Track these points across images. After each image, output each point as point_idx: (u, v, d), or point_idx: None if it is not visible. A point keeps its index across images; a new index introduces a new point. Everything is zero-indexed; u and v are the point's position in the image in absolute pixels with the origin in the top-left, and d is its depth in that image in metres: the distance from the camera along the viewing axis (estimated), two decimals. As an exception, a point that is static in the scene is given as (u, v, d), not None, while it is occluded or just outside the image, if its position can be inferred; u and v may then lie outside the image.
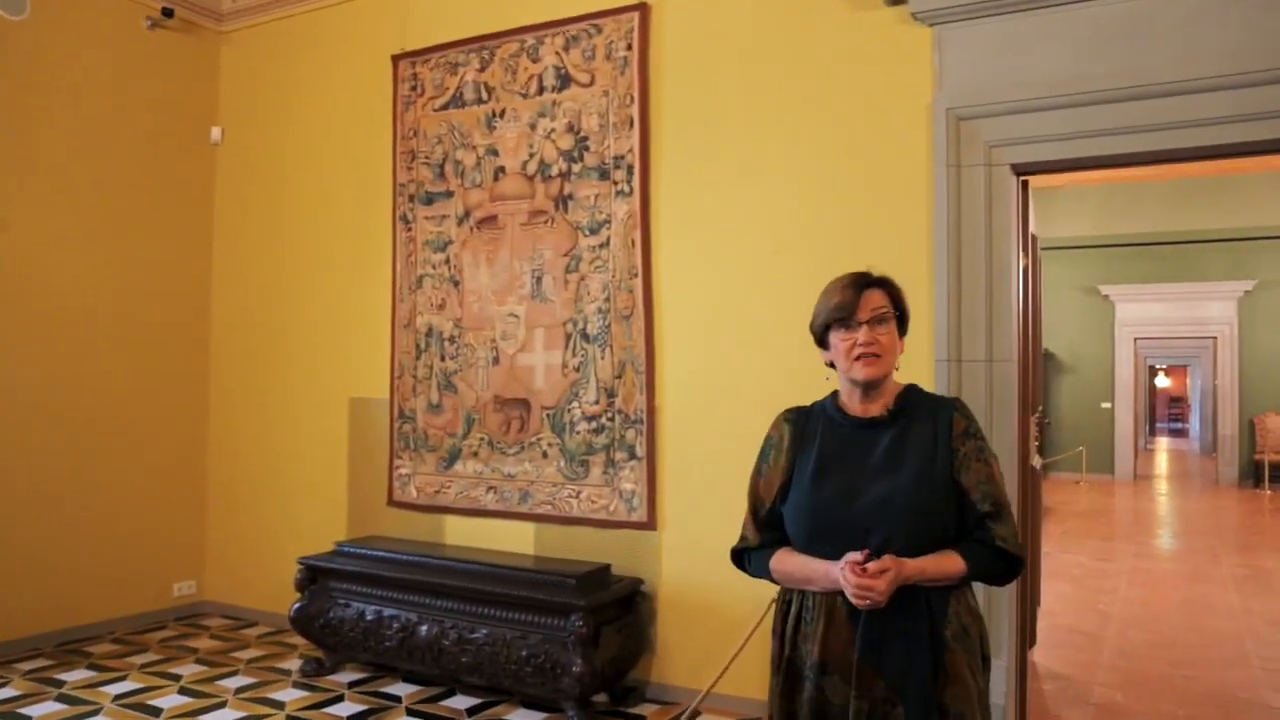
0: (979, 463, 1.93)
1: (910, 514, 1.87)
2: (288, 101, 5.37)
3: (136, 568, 5.18)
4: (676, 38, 4.12)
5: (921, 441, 1.94)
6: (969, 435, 1.95)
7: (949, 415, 1.97)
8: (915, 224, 3.58)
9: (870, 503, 1.90)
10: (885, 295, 2.01)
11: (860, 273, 2.04)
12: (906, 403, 1.99)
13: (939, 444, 1.93)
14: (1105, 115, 3.26)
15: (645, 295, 4.09)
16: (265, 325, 5.39)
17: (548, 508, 4.30)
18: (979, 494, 1.90)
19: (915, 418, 1.98)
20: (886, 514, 1.88)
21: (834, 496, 1.95)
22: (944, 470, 1.90)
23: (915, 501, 1.87)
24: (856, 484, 1.94)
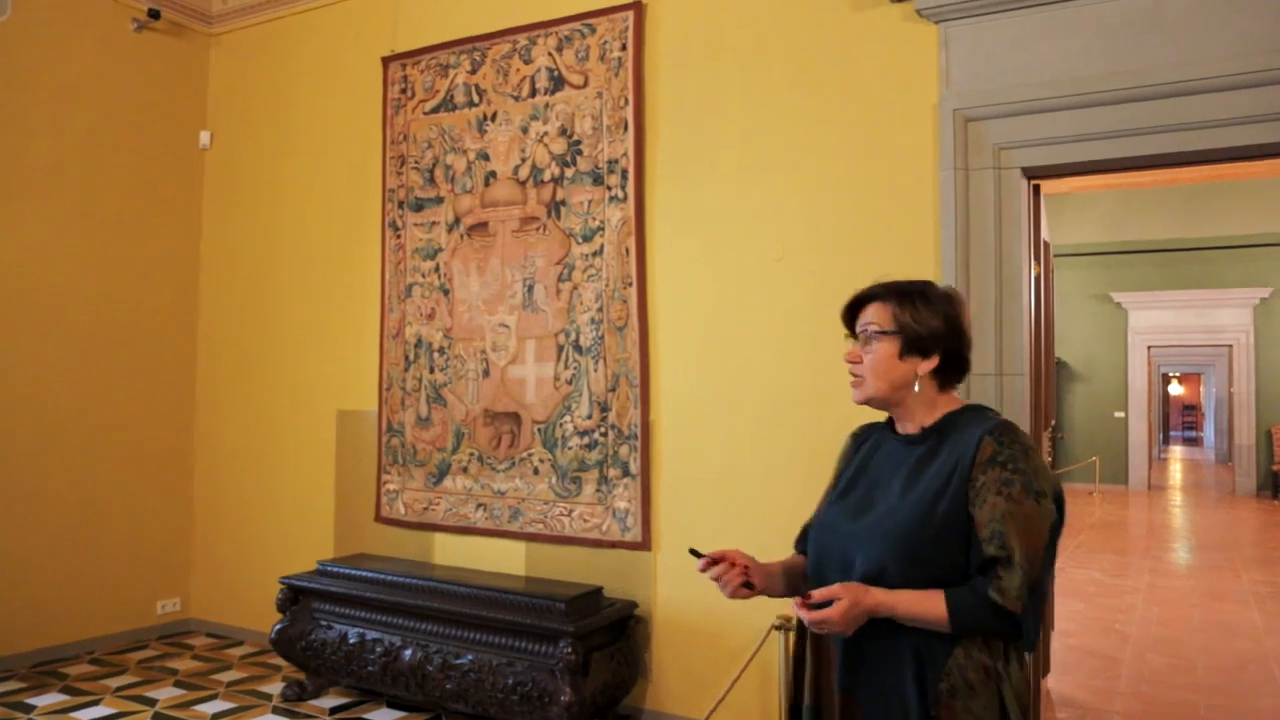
0: (997, 496, 1.65)
1: (901, 543, 1.69)
2: (277, 105, 5.22)
3: (119, 585, 5.03)
4: (672, 37, 3.95)
5: (944, 464, 1.74)
6: (995, 463, 1.68)
7: (978, 437, 1.71)
8: (922, 230, 3.41)
9: (865, 525, 1.76)
10: (888, 310, 1.83)
11: (879, 284, 1.90)
12: (949, 423, 1.79)
13: (957, 469, 1.70)
14: (1120, 115, 3.08)
15: (640, 305, 3.93)
16: (253, 335, 5.24)
17: (539, 526, 4.13)
18: (988, 532, 1.65)
19: (949, 438, 1.77)
20: (877, 540, 1.72)
21: (839, 515, 1.84)
22: (956, 500, 1.68)
23: (908, 530, 1.69)
24: (866, 505, 1.80)
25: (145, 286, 5.20)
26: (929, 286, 1.87)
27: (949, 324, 1.81)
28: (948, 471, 1.71)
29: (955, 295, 1.87)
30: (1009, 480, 1.66)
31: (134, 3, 5.10)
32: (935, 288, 1.87)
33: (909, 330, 1.82)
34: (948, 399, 1.84)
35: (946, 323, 1.81)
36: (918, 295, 1.84)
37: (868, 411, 1.99)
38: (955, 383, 1.85)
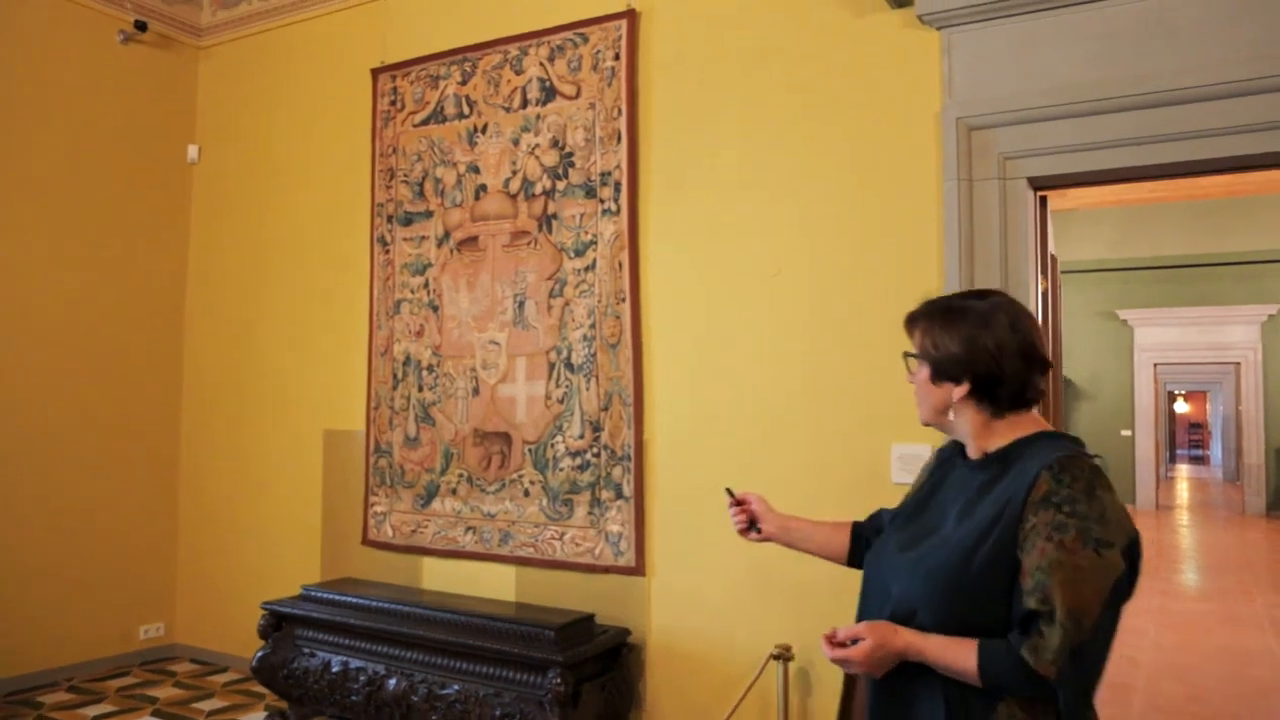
0: (1046, 542, 1.46)
1: (939, 582, 1.55)
2: (267, 118, 5.12)
3: (101, 609, 4.89)
4: (667, 46, 3.84)
5: (998, 499, 1.57)
6: (1048, 503, 1.49)
7: (1035, 472, 1.53)
8: (924, 244, 3.28)
9: (911, 558, 1.63)
10: (919, 334, 1.75)
11: (926, 301, 1.82)
12: (1015, 450, 1.63)
13: (1009, 506, 1.53)
14: (1129, 123, 2.95)
15: (633, 321, 3.80)
16: (241, 353, 5.12)
17: (529, 550, 3.99)
18: (1031, 582, 1.46)
19: (1012, 468, 1.60)
20: (918, 577, 1.59)
21: (894, 541, 1.74)
22: (1003, 540, 1.51)
23: (948, 568, 1.54)
24: (921, 534, 1.69)
25: (130, 304, 5.08)
26: (966, 304, 1.72)
27: (971, 347, 1.65)
28: (999, 507, 1.55)
29: (992, 315, 1.67)
30: (1062, 525, 1.47)
31: (121, 15, 5.01)
32: (973, 306, 1.70)
33: (928, 355, 1.72)
34: (1017, 423, 1.67)
35: (967, 347, 1.66)
36: (940, 315, 1.72)
37: (871, 432, 1.90)
38: (1021, 407, 1.67)
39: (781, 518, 2.13)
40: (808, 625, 3.37)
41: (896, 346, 3.31)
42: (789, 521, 2.13)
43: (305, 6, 4.95)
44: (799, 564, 3.39)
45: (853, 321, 3.39)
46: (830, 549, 2.11)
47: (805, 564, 3.40)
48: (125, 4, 5.00)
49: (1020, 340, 1.66)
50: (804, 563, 3.39)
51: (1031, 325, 1.70)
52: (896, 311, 3.30)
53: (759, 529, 2.12)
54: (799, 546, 2.14)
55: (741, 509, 2.15)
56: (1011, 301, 1.73)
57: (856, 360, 3.37)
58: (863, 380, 3.35)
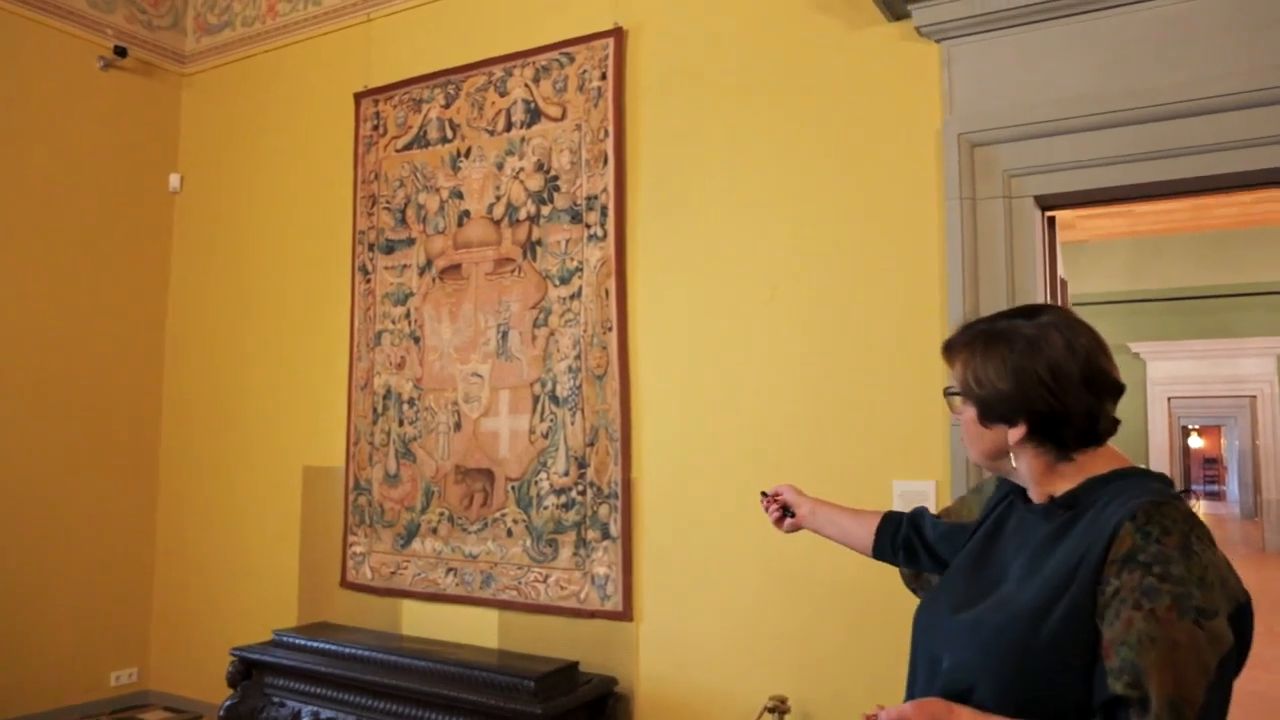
0: (1134, 612, 1.20)
1: (1000, 654, 1.29)
2: (250, 146, 4.98)
3: (70, 654, 4.67)
4: (655, 65, 3.68)
5: (1070, 554, 1.30)
6: (1134, 563, 1.22)
7: (1116, 525, 1.26)
8: (926, 267, 3.09)
9: (966, 622, 1.38)
10: (959, 366, 1.49)
11: (970, 321, 1.57)
12: (1089, 493, 1.37)
13: (1084, 563, 1.27)
14: (1142, 137, 2.77)
15: (620, 352, 3.61)
16: (221, 387, 4.94)
17: (512, 593, 3.77)
18: (1117, 661, 1.20)
19: (1086, 514, 1.34)
20: (971, 644, 1.34)
21: (945, 599, 1.49)
22: (1079, 605, 1.25)
23: (1012, 637, 1.29)
24: (978, 591, 1.43)
25: (108, 337, 4.91)
26: (1009, 326, 1.45)
27: (1021, 380, 1.39)
28: (1072, 564, 1.29)
29: (1043, 337, 1.40)
30: (1153, 590, 1.20)
31: (102, 40, 4.88)
32: (1018, 329, 1.43)
33: (972, 394, 1.45)
34: (1088, 461, 1.40)
35: (1017, 380, 1.39)
36: (981, 343, 1.46)
37: (872, 468, 1.71)
38: (1092, 444, 1.41)
39: (812, 501, 2.07)
40: (806, 675, 3.15)
41: (897, 375, 3.13)
42: (819, 505, 2.07)
43: (289, 31, 4.82)
44: (797, 609, 3.19)
45: (851, 349, 3.19)
46: (851, 538, 1.99)
47: (805, 608, 3.19)
48: (107, 30, 4.88)
49: (1082, 364, 1.38)
50: (803, 607, 3.19)
51: (1094, 343, 1.41)
52: (897, 339, 3.13)
53: (791, 514, 2.08)
54: (824, 532, 2.06)
55: (774, 500, 2.11)
56: (1066, 315, 1.45)
57: (856, 391, 3.17)
58: (863, 412, 3.15)
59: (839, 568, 3.04)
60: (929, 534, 1.86)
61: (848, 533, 2.00)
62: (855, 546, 2.01)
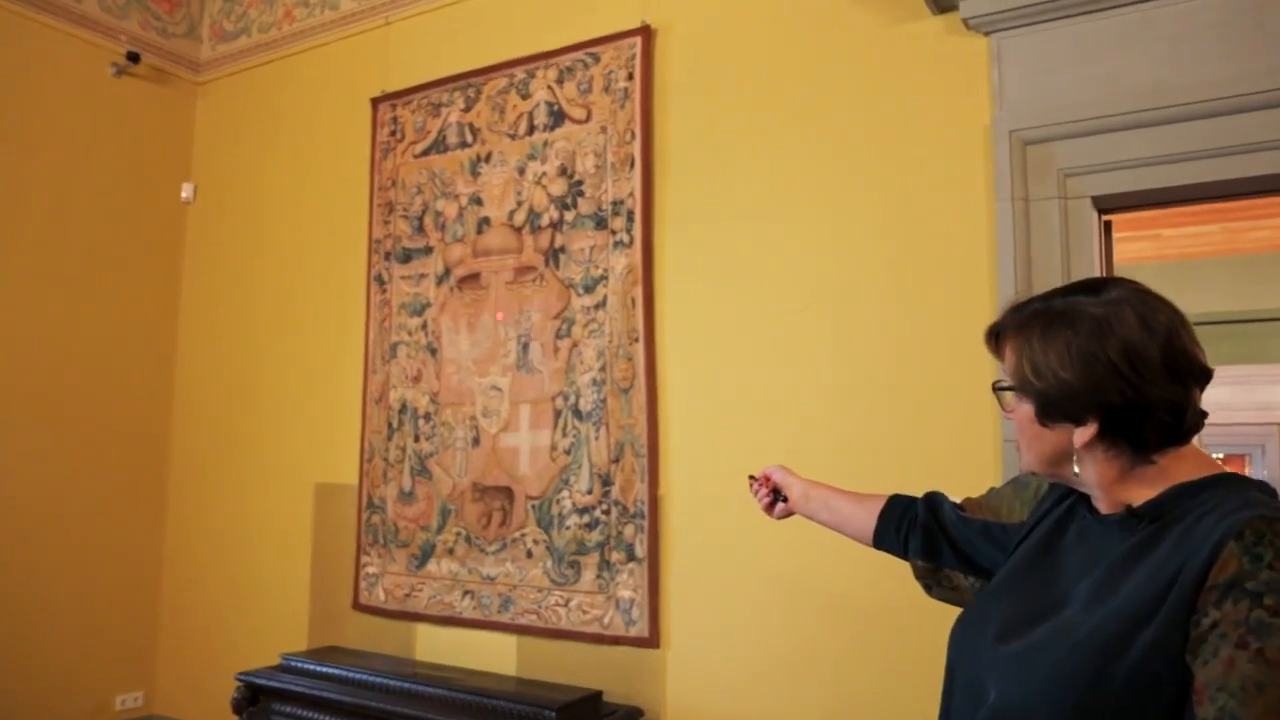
0: (1238, 651, 0.98)
1: (1064, 690, 1.08)
2: (264, 155, 4.85)
3: (74, 677, 4.48)
4: (685, 64, 3.53)
5: (1157, 575, 1.09)
6: (1240, 592, 1.00)
7: (1217, 543, 1.04)
8: (974, 274, 2.91)
9: (1016, 652, 1.16)
10: (1010, 354, 1.28)
11: (1020, 300, 1.34)
12: (1176, 502, 1.16)
13: (1176, 588, 1.06)
14: (1212, 131, 2.59)
15: (647, 363, 3.43)
16: (232, 401, 4.78)
17: (532, 617, 3.58)
18: (1213, 710, 0.98)
19: (1173, 528, 1.13)
20: (1026, 677, 1.13)
21: (987, 625, 1.27)
22: (1166, 639, 1.05)
23: (1075, 672, 1.08)
24: (1030, 616, 1.21)
25: (117, 350, 4.76)
26: (1073, 304, 1.23)
27: (1091, 369, 1.17)
28: (1159, 588, 1.08)
29: (1115, 315, 1.19)
30: (1263, 626, 0.98)
31: (115, 47, 4.77)
32: (1083, 307, 1.21)
33: (1029, 386, 1.23)
34: (1171, 464, 1.19)
35: (1085, 370, 1.17)
36: (1039, 325, 1.24)
37: (914, 486, 1.52)
38: (1175, 443, 1.19)
39: (805, 483, 1.90)
40: (843, 707, 2.95)
41: (943, 387, 2.94)
42: (811, 488, 1.88)
43: (306, 37, 4.70)
44: (835, 636, 2.99)
45: (893, 360, 3.00)
46: (849, 523, 1.80)
47: (842, 635, 2.99)
48: (120, 37, 4.77)
49: (1162, 345, 1.16)
50: (841, 634, 2.99)
51: (1175, 320, 1.20)
52: (943, 349, 2.94)
53: (782, 498, 1.91)
54: (818, 518, 1.87)
55: (763, 483, 1.95)
56: (1138, 289, 1.23)
57: (898, 404, 2.98)
58: (906, 426, 2.96)
59: (879, 592, 2.85)
60: (952, 526, 1.63)
61: (845, 518, 1.82)
62: (853, 533, 1.82)
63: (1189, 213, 7.44)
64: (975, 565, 1.58)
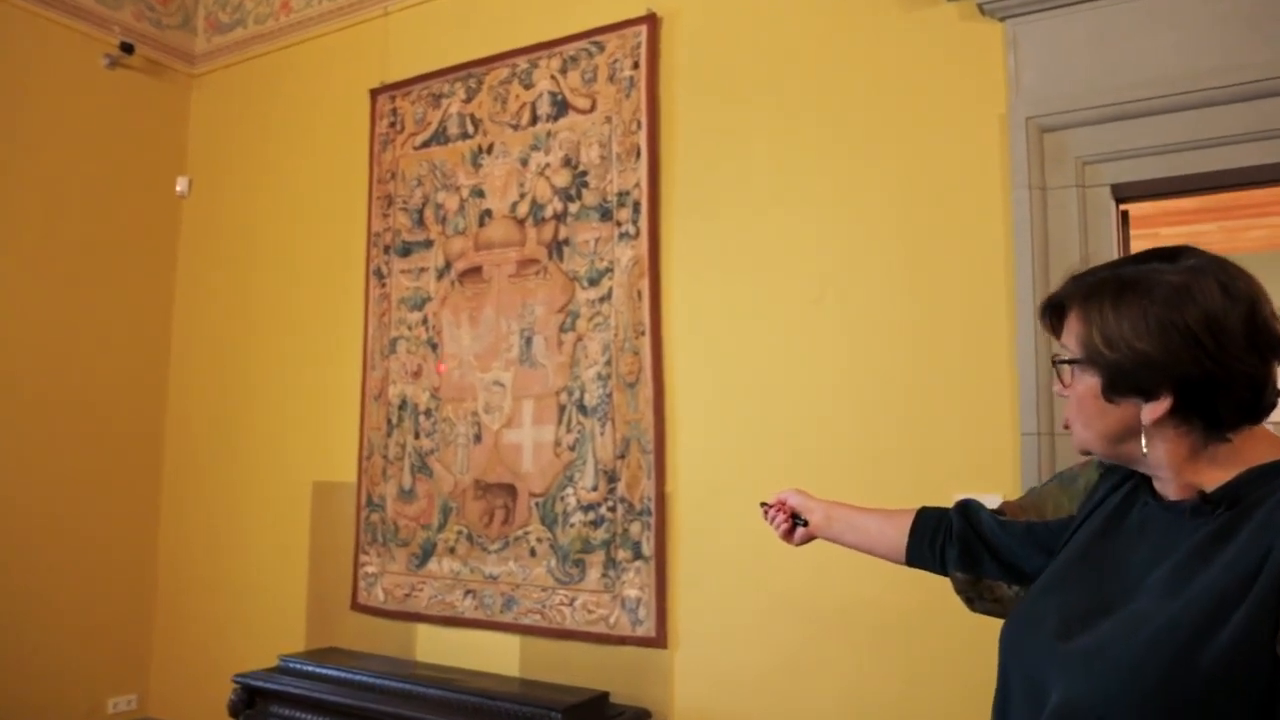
0: None
1: (1143, 685, 1.01)
2: (261, 147, 4.77)
3: (66, 679, 4.40)
4: (692, 52, 3.46)
5: (1240, 557, 1.03)
6: None
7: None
8: (990, 263, 2.84)
9: (1082, 648, 1.09)
10: (1076, 323, 1.21)
11: (1079, 272, 1.26)
12: (1254, 485, 1.10)
13: (1265, 575, 1.00)
14: (1235, 117, 2.53)
15: (654, 357, 3.36)
16: (228, 398, 4.70)
17: (536, 617, 3.51)
18: None
19: (1254, 512, 1.06)
20: (1096, 673, 1.05)
21: (1045, 622, 1.19)
22: (1253, 623, 0.99)
23: (1159, 666, 1.01)
24: (1092, 611, 1.14)
25: (110, 346, 4.68)
26: (1147, 272, 1.16)
27: (1169, 340, 1.11)
28: (1245, 575, 1.01)
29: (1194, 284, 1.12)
30: None
31: (109, 38, 4.69)
32: (1160, 275, 1.14)
33: (1099, 357, 1.16)
34: (1244, 445, 1.13)
35: (1163, 340, 1.11)
36: (1110, 292, 1.17)
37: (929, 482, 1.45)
38: (1251, 421, 1.14)
39: (826, 505, 1.78)
40: (860, 706, 2.88)
41: (959, 380, 2.87)
42: (833, 509, 1.77)
43: (303, 28, 4.63)
44: (847, 635, 2.92)
45: (907, 352, 2.94)
46: (880, 543, 1.69)
47: (855, 634, 2.92)
48: (113, 27, 4.69)
49: (1245, 315, 1.10)
50: (853, 633, 2.92)
51: (1257, 290, 1.13)
52: (959, 341, 2.87)
53: (803, 522, 1.79)
54: (844, 540, 1.77)
55: (779, 509, 1.82)
56: (1217, 258, 1.16)
57: (912, 397, 2.92)
58: (919, 422, 2.90)
59: (892, 591, 2.78)
60: (991, 533, 1.55)
61: (873, 538, 1.72)
62: (884, 553, 1.72)
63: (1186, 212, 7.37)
64: (1019, 573, 1.50)
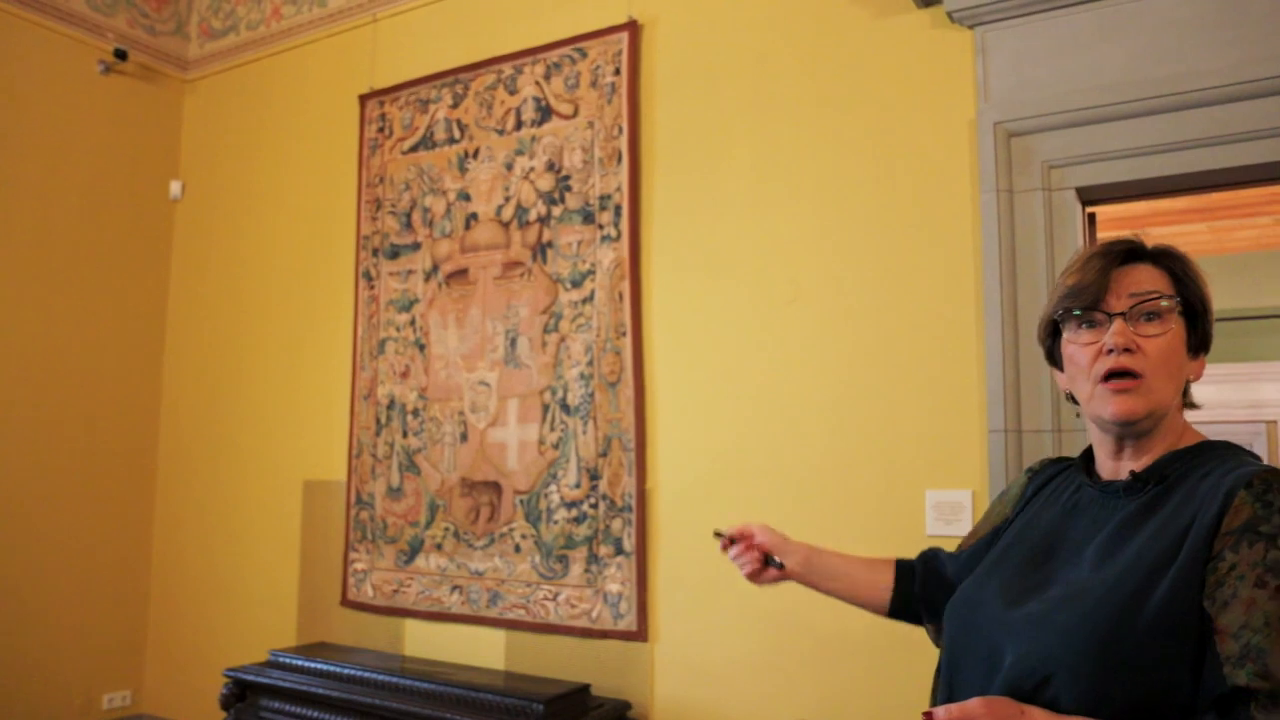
0: (1257, 590, 1.04)
1: (1089, 642, 1.10)
2: (253, 152, 4.84)
3: (61, 676, 4.47)
4: (671, 58, 3.54)
5: (1167, 526, 1.15)
6: (1255, 535, 1.06)
7: (1228, 493, 1.10)
8: (960, 265, 2.92)
9: (1031, 614, 1.17)
10: (1163, 274, 1.29)
11: (1118, 239, 1.31)
12: (1180, 464, 1.22)
13: (1192, 539, 1.10)
14: (1196, 122, 2.60)
15: (635, 357, 3.44)
16: (220, 399, 4.77)
17: (520, 612, 3.58)
18: (1236, 647, 1.03)
19: (1181, 487, 1.19)
20: (1046, 634, 1.13)
21: (990, 593, 1.28)
22: (1185, 585, 1.09)
23: (1102, 622, 1.10)
24: (1036, 583, 1.23)
25: (105, 348, 4.75)
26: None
27: (1210, 305, 1.32)
28: (1174, 538, 1.13)
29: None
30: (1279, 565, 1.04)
31: (103, 44, 4.76)
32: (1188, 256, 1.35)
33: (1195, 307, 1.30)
34: (1168, 430, 1.27)
35: (1210, 303, 1.32)
36: (1179, 254, 1.32)
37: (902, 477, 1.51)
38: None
39: (804, 549, 1.73)
40: (834, 694, 2.96)
41: (929, 378, 2.94)
42: (813, 555, 1.72)
43: (294, 34, 4.70)
44: (822, 628, 2.99)
45: (880, 351, 3.01)
46: (864, 594, 1.68)
47: (831, 624, 2.99)
48: (107, 34, 4.76)
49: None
50: (830, 623, 2.99)
51: None
52: (929, 339, 2.94)
53: (778, 564, 1.71)
54: (823, 587, 1.73)
55: (745, 546, 1.74)
56: None
57: (885, 395, 2.99)
58: (892, 418, 2.97)
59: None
60: (955, 576, 1.57)
61: (862, 587, 1.69)
62: (865, 603, 1.71)
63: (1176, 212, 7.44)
64: None
